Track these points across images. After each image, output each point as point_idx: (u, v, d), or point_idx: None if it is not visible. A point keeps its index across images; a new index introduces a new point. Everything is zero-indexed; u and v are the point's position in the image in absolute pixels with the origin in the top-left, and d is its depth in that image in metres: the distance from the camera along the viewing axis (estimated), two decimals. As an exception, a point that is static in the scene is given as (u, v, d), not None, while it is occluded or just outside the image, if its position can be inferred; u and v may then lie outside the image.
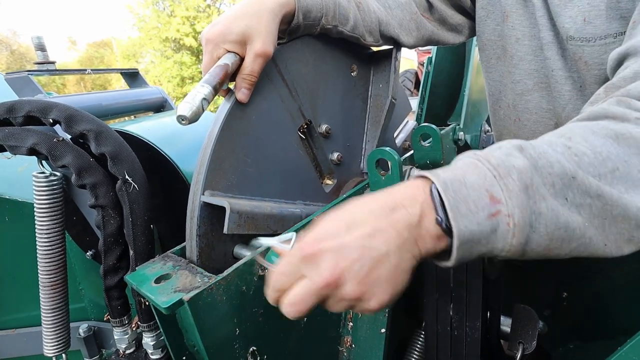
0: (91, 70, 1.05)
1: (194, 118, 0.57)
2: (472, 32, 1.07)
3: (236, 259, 0.66)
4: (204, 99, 0.57)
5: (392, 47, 0.94)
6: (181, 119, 0.56)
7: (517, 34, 0.87)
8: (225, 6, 16.58)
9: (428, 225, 0.41)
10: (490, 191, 0.40)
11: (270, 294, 0.46)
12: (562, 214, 0.41)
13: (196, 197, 0.60)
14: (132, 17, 16.53)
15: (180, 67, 15.62)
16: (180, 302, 0.50)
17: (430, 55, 1.87)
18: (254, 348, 0.60)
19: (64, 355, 0.87)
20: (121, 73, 1.24)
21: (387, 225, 0.41)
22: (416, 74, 6.46)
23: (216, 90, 0.60)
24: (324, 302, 0.43)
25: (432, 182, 0.42)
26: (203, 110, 0.58)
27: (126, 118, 1.35)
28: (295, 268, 0.43)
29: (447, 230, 0.40)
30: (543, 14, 0.80)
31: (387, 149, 0.76)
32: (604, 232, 0.43)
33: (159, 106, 1.25)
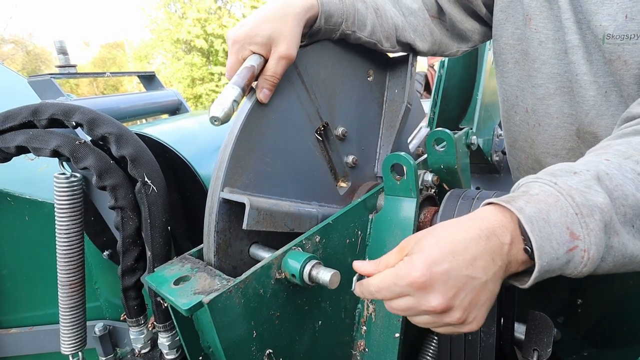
0: (110, 73, 1.07)
1: (225, 119, 0.58)
2: (482, 39, 1.06)
3: (252, 257, 0.67)
4: (234, 100, 0.59)
5: (407, 52, 0.94)
6: (214, 119, 0.58)
7: (540, 37, 0.85)
8: (236, 8, 16.71)
9: (516, 253, 0.46)
10: (570, 228, 0.44)
11: (363, 294, 0.53)
12: (629, 245, 0.45)
13: (215, 194, 0.61)
14: (144, 18, 16.76)
15: (191, 68, 15.76)
16: (200, 304, 0.50)
17: (442, 59, 1.87)
18: (270, 351, 0.60)
19: (80, 353, 0.89)
20: (138, 76, 1.26)
21: (484, 252, 0.45)
22: (426, 76, 6.41)
23: (244, 91, 0.62)
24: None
25: (518, 217, 0.45)
26: (233, 112, 0.59)
27: (142, 120, 1.37)
28: (402, 290, 0.47)
29: (532, 258, 0.45)
30: (569, 17, 0.78)
31: (403, 153, 0.76)
32: None
33: (175, 109, 1.27)
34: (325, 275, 0.57)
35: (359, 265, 0.55)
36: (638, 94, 0.74)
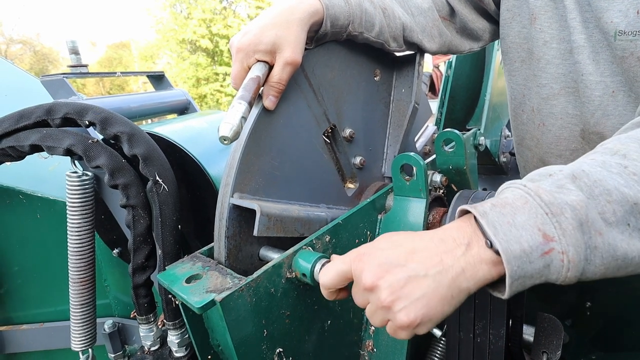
0: (120, 73, 1.08)
1: (235, 137, 0.58)
2: (492, 37, 1.06)
3: (262, 260, 0.67)
4: (242, 117, 0.59)
5: (414, 52, 0.94)
6: (223, 139, 0.58)
7: (545, 36, 0.85)
8: (241, 8, 16.77)
9: (478, 253, 0.43)
10: (542, 229, 0.40)
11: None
12: (620, 246, 0.41)
13: (225, 199, 0.62)
14: (150, 19, 16.87)
15: (196, 69, 15.83)
16: (212, 303, 0.51)
17: (450, 59, 1.86)
18: (280, 349, 0.60)
19: (90, 350, 0.90)
20: (148, 76, 1.27)
21: (431, 249, 0.44)
22: (431, 76, 6.40)
23: (251, 105, 0.61)
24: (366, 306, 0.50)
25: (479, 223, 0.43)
26: (242, 128, 0.59)
27: (148, 121, 1.38)
28: (347, 273, 0.50)
29: (498, 252, 0.41)
30: (575, 16, 0.77)
31: (412, 154, 0.76)
32: None
33: (183, 108, 1.28)
34: None
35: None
36: None
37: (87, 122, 0.71)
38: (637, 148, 0.44)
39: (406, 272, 0.44)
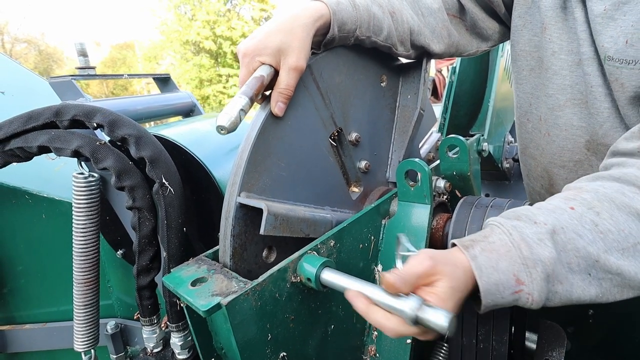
0: (127, 75, 1.09)
1: (232, 128, 0.59)
2: (501, 39, 1.05)
3: (266, 260, 0.68)
4: (242, 110, 0.60)
5: (421, 58, 0.94)
6: (220, 129, 0.59)
7: (554, 47, 0.85)
8: (245, 10, 16.84)
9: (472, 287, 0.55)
10: (517, 275, 0.53)
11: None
12: (575, 291, 0.54)
13: (232, 198, 0.62)
14: (154, 20, 16.98)
15: (199, 70, 15.90)
16: (218, 306, 0.51)
17: (454, 65, 1.87)
18: (284, 354, 0.61)
19: (92, 350, 0.90)
20: (154, 78, 1.28)
21: (451, 269, 0.54)
22: (433, 80, 6.38)
23: (252, 101, 0.62)
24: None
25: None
26: (240, 121, 0.60)
27: (151, 124, 1.38)
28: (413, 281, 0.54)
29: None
30: (585, 29, 0.78)
31: (417, 160, 0.76)
32: (613, 294, 0.55)
33: (189, 110, 1.29)
34: None
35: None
36: (633, 116, 0.75)
37: (95, 124, 0.71)
38: (608, 208, 0.56)
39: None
